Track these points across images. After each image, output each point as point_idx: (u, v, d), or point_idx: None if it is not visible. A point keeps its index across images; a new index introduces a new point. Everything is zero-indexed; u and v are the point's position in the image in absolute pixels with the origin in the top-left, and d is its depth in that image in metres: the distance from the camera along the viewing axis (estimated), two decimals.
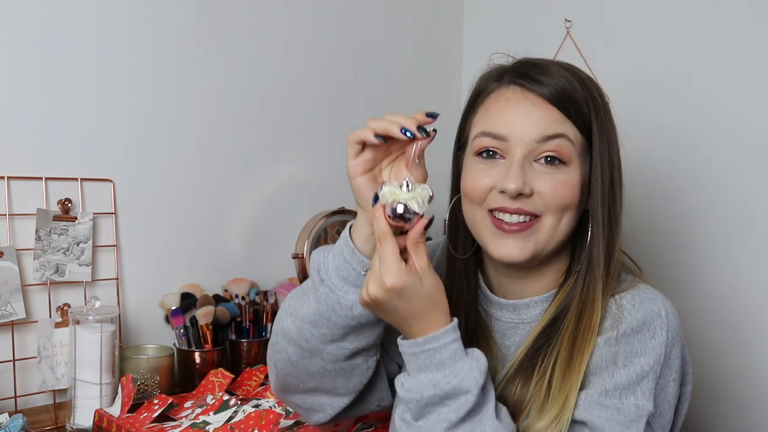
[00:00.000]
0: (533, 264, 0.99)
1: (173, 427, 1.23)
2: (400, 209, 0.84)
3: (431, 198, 0.86)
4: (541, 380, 0.94)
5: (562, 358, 0.93)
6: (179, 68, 1.61)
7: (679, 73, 1.68)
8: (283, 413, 1.22)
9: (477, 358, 0.89)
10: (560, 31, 1.85)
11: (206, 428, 1.21)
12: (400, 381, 0.91)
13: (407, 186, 0.85)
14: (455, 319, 0.90)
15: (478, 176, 0.97)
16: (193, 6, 1.62)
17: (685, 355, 0.98)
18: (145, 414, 1.27)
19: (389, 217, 0.85)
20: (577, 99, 0.95)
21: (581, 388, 0.92)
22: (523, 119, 0.94)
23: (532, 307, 1.02)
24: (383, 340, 1.09)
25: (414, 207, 0.85)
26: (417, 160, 0.88)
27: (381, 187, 0.87)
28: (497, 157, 0.96)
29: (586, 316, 0.94)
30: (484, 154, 0.97)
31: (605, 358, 0.92)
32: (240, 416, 1.23)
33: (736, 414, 1.62)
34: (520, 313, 1.03)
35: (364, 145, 0.89)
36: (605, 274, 0.95)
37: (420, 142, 0.87)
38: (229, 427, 1.19)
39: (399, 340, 0.91)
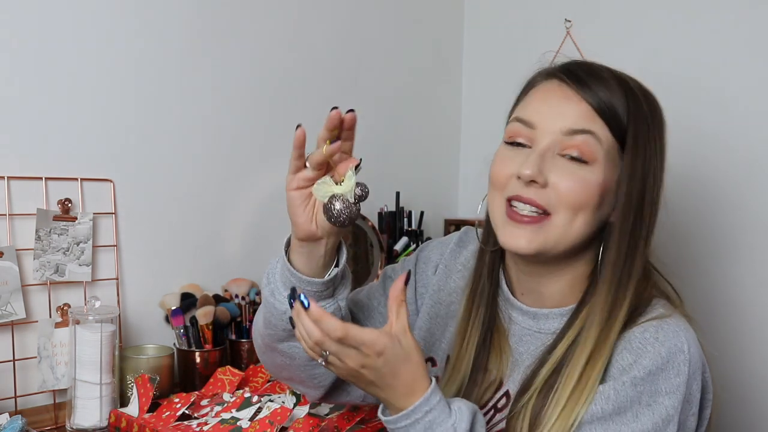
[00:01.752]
0: (542, 261, 0.98)
1: (200, 425, 1.23)
2: (331, 200, 0.89)
3: (365, 194, 0.89)
4: (555, 392, 0.92)
5: (576, 374, 0.91)
6: (179, 68, 1.61)
7: (679, 73, 1.68)
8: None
9: (456, 425, 0.86)
10: (560, 31, 1.85)
11: (238, 423, 1.21)
12: None
13: (331, 180, 0.90)
14: (433, 382, 0.88)
15: (503, 162, 0.97)
16: (193, 6, 1.62)
17: (707, 380, 0.96)
18: (167, 413, 1.27)
19: (326, 213, 0.89)
20: (615, 102, 0.95)
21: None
22: (553, 110, 0.95)
23: (551, 318, 1.00)
24: None
25: (349, 198, 0.88)
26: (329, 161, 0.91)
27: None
28: (525, 147, 0.96)
29: (600, 338, 0.92)
30: (514, 143, 0.97)
31: (630, 398, 0.89)
32: (265, 412, 1.23)
33: (737, 413, 1.62)
34: (539, 322, 1.01)
35: (305, 164, 0.93)
36: (616, 290, 0.93)
37: (332, 146, 0.90)
38: (267, 422, 1.18)
39: (380, 416, 0.91)
